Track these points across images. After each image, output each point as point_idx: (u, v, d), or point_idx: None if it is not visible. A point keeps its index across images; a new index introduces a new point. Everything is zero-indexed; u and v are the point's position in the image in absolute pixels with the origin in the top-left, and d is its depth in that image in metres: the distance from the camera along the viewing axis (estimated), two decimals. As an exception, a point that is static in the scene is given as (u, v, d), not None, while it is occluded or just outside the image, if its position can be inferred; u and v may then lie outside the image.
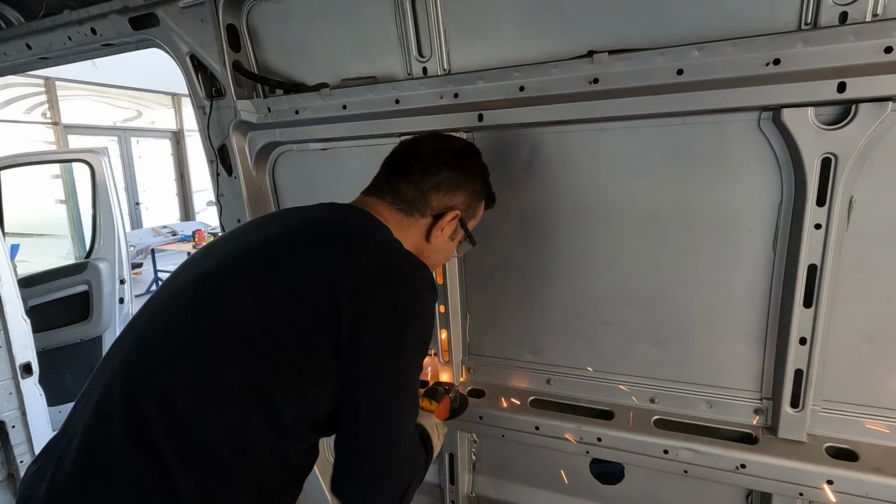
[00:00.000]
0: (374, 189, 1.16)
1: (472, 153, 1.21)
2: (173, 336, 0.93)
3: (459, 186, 1.14)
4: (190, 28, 1.54)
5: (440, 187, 1.12)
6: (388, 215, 1.11)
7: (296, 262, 0.96)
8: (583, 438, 1.44)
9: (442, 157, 1.13)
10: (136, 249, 8.05)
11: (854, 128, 1.04)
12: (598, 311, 1.45)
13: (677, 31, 1.13)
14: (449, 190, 1.13)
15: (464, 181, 1.15)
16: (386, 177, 1.15)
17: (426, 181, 1.11)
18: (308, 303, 0.91)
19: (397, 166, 1.15)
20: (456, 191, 1.14)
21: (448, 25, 1.35)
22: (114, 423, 0.86)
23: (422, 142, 1.17)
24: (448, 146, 1.17)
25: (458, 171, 1.14)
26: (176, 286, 1.01)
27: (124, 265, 3.77)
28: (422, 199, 1.11)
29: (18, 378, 2.40)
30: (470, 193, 1.17)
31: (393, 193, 1.12)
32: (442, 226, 1.14)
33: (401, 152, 1.18)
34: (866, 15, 0.98)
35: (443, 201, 1.13)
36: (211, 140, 1.69)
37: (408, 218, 1.12)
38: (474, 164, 1.20)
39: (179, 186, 11.10)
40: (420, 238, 1.14)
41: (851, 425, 1.24)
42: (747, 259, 1.25)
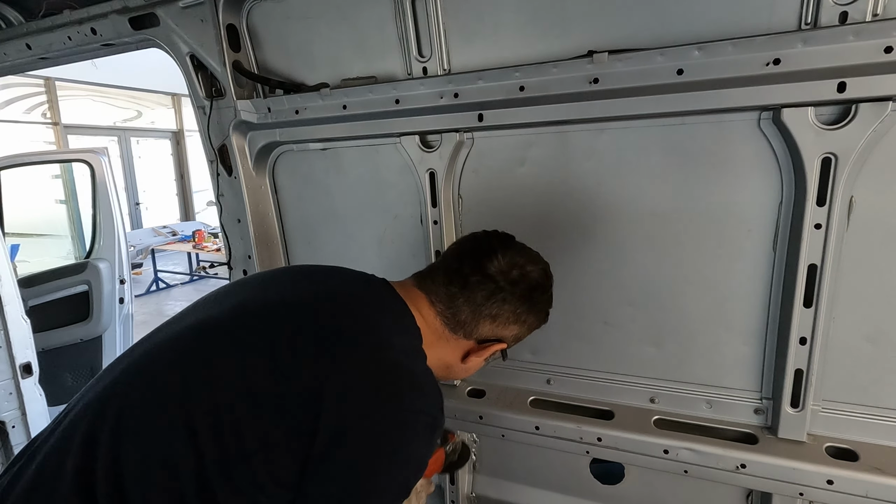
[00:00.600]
0: (427, 284, 1.03)
1: (547, 287, 1.07)
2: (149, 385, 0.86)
3: (518, 321, 1.03)
4: (190, 28, 1.54)
5: (497, 318, 1.01)
6: (431, 321, 1.00)
7: (292, 346, 0.86)
8: (583, 438, 1.44)
9: (515, 286, 1.00)
10: (136, 249, 8.06)
11: (854, 128, 1.04)
12: (598, 311, 1.45)
13: (677, 31, 1.13)
14: (506, 322, 1.02)
15: (526, 316, 1.04)
16: (445, 280, 1.01)
17: (486, 308, 0.99)
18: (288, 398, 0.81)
19: (461, 275, 1.00)
20: (513, 324, 1.03)
21: (448, 25, 1.35)
22: (67, 462, 0.81)
23: (497, 255, 1.00)
24: (526, 273, 1.01)
25: (525, 305, 1.02)
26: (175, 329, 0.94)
27: (124, 265, 3.77)
28: (473, 323, 1.01)
29: (18, 378, 2.41)
30: (526, 328, 1.06)
31: (447, 304, 1.00)
32: (483, 353, 1.05)
33: (469, 258, 1.02)
34: (866, 15, 0.98)
35: (494, 331, 1.02)
36: (211, 140, 1.69)
37: (450, 333, 1.01)
38: (544, 301, 1.07)
39: (179, 186, 11.11)
40: (455, 356, 1.04)
41: (851, 425, 1.24)
42: (747, 259, 1.25)
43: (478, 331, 1.02)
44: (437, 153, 1.46)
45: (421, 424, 0.86)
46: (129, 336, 3.84)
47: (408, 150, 1.49)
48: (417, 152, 1.48)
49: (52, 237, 4.70)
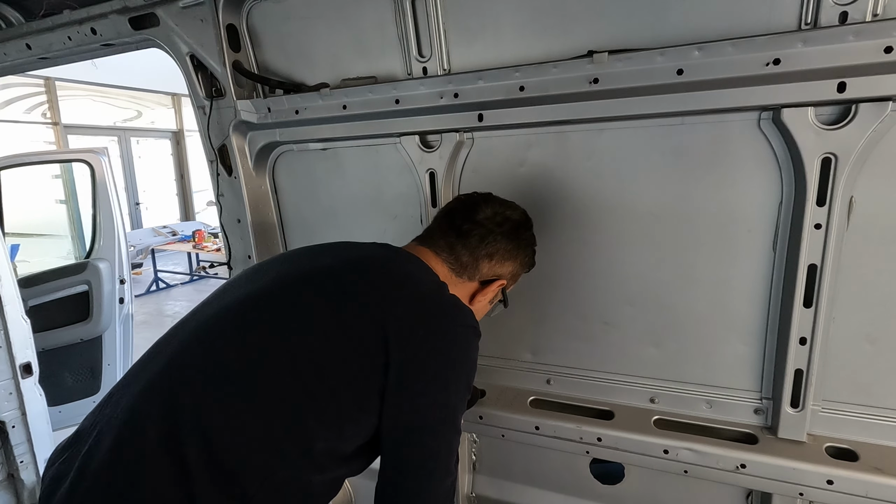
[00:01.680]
0: (428, 241, 1.18)
1: (528, 225, 1.23)
2: (217, 351, 0.93)
3: (511, 257, 1.18)
4: (190, 28, 1.54)
5: (493, 256, 1.15)
6: (440, 269, 1.13)
7: (349, 297, 0.98)
8: (583, 438, 1.44)
9: (502, 226, 1.16)
10: (136, 249, 8.06)
11: (854, 128, 1.04)
12: (598, 311, 1.45)
13: (677, 31, 1.13)
14: (501, 260, 1.17)
15: (516, 252, 1.19)
16: (442, 234, 1.16)
17: (482, 249, 1.14)
18: (357, 339, 0.93)
19: (455, 227, 1.15)
20: (507, 261, 1.18)
21: (448, 25, 1.35)
22: (148, 429, 0.86)
23: (482, 206, 1.18)
24: (508, 216, 1.19)
25: (513, 242, 1.18)
26: (227, 300, 1.02)
27: (124, 265, 3.77)
28: (474, 264, 1.15)
29: (18, 378, 2.40)
30: (519, 265, 1.21)
31: (448, 252, 1.14)
32: (486, 292, 1.18)
33: (459, 212, 1.18)
34: (866, 15, 0.98)
35: (493, 270, 1.17)
36: (211, 140, 1.69)
37: (457, 278, 1.15)
38: (528, 237, 1.23)
39: (179, 186, 11.11)
40: (464, 299, 1.16)
41: (851, 425, 1.24)
42: (747, 259, 1.25)
43: (479, 271, 1.16)
44: (437, 153, 1.46)
45: (470, 333, 1.03)
46: (129, 336, 3.84)
47: (408, 150, 1.49)
48: (417, 152, 1.48)
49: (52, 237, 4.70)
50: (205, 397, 0.88)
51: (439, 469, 0.96)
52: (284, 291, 1.00)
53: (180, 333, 1.00)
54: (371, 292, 0.99)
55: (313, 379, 0.90)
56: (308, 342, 0.92)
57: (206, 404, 0.88)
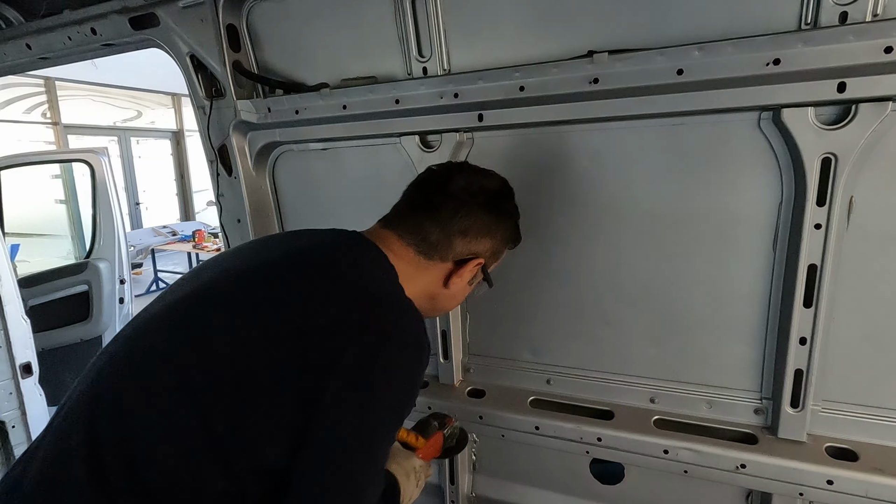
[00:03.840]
0: (394, 221, 1.05)
1: (508, 195, 1.11)
2: (143, 359, 0.86)
3: (489, 232, 1.05)
4: (190, 28, 1.54)
5: (468, 232, 1.02)
6: (403, 254, 1.01)
7: (272, 304, 0.87)
8: (583, 438, 1.44)
9: (477, 198, 1.02)
10: (136, 249, 8.06)
11: (854, 128, 1.04)
12: (598, 311, 1.45)
13: (677, 31, 1.13)
14: (477, 236, 1.03)
15: (495, 227, 1.06)
16: (410, 210, 1.04)
17: (454, 224, 1.00)
18: (278, 346, 0.83)
19: (425, 201, 1.03)
20: (485, 237, 1.04)
21: (448, 25, 1.35)
22: (72, 442, 0.81)
23: (455, 175, 1.05)
24: (485, 185, 1.05)
25: (491, 214, 1.04)
26: (162, 304, 0.95)
27: (124, 265, 3.78)
28: (446, 242, 1.01)
29: (18, 378, 2.41)
30: (499, 240, 1.08)
31: (415, 232, 1.01)
32: (462, 273, 1.05)
33: (430, 183, 1.06)
34: (866, 15, 0.98)
35: (468, 247, 1.03)
36: (211, 140, 1.69)
37: (426, 260, 1.02)
38: (508, 208, 1.10)
39: (179, 186, 11.11)
40: (436, 283, 1.05)
41: (851, 425, 1.24)
42: (747, 259, 1.25)
43: (452, 250, 1.02)
44: (437, 153, 1.46)
45: (410, 353, 0.89)
46: (129, 336, 3.83)
47: (408, 150, 1.49)
48: (417, 152, 1.48)
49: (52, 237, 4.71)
50: (125, 410, 0.82)
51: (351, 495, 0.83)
52: (214, 296, 0.91)
53: (116, 342, 0.93)
54: (297, 297, 0.88)
55: (232, 391, 0.81)
56: (229, 351, 0.83)
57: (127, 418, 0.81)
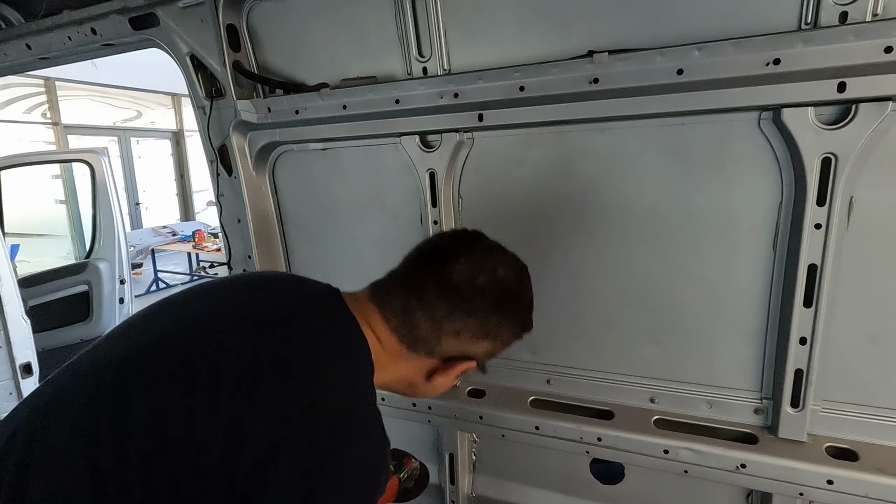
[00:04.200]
0: (383, 296, 0.89)
1: (521, 293, 0.93)
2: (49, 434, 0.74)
3: (488, 335, 0.89)
4: (190, 28, 1.54)
5: (462, 334, 0.86)
6: (385, 338, 0.87)
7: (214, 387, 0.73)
8: (583, 438, 1.44)
9: (482, 296, 0.85)
10: (136, 249, 8.06)
11: (854, 128, 1.04)
12: (598, 311, 1.45)
13: (677, 31, 1.13)
14: (473, 338, 0.88)
15: (497, 329, 0.89)
16: (402, 290, 0.88)
17: (448, 323, 0.85)
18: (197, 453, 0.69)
19: (420, 287, 0.86)
20: (482, 339, 0.89)
21: (448, 25, 1.35)
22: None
23: (461, 258, 0.86)
24: (495, 276, 0.87)
25: (495, 316, 0.88)
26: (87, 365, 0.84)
27: (124, 265, 3.78)
28: (435, 339, 0.87)
29: (18, 378, 2.41)
30: (500, 342, 0.92)
31: (402, 318, 0.86)
32: (449, 372, 0.92)
33: (431, 264, 0.89)
34: (866, 15, 0.98)
35: (460, 348, 0.88)
36: (211, 140, 1.69)
37: (409, 352, 0.88)
38: (520, 309, 0.93)
39: (179, 186, 11.11)
40: (417, 374, 0.92)
41: (851, 425, 1.24)
42: (747, 259, 1.25)
43: (440, 348, 0.88)
44: (437, 153, 1.46)
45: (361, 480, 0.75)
46: (129, 336, 3.84)
47: (408, 150, 1.49)
48: (417, 152, 1.48)
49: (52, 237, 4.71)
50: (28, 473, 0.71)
51: None
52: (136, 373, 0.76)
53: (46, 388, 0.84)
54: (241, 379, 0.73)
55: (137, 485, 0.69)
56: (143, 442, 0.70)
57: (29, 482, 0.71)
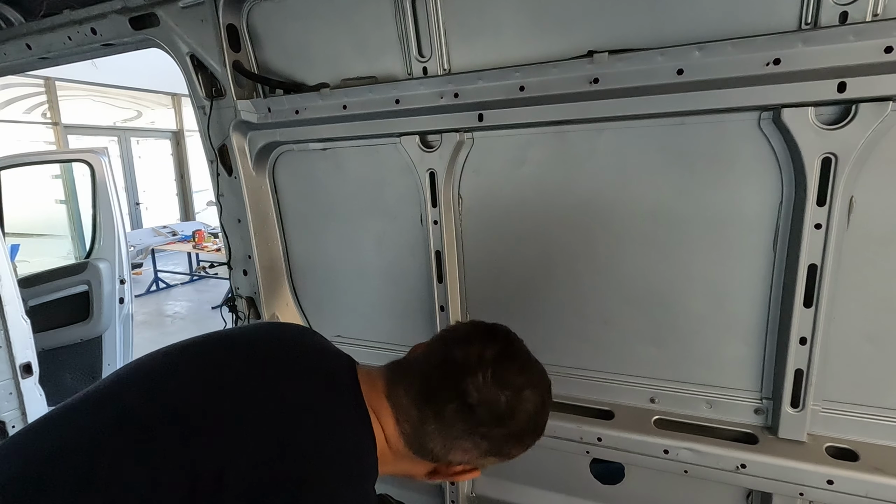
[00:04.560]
0: (398, 394, 0.85)
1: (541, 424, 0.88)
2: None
3: (500, 455, 0.85)
4: (190, 28, 1.54)
5: (472, 451, 0.83)
6: (393, 440, 0.84)
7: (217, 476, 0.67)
8: (583, 438, 1.44)
9: (500, 426, 0.81)
10: (136, 249, 8.06)
11: (854, 128, 1.04)
12: (598, 311, 1.45)
13: (677, 31, 1.13)
14: (483, 456, 0.84)
15: (510, 451, 0.86)
16: (418, 397, 0.83)
17: (462, 441, 0.82)
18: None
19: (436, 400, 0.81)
20: (492, 457, 0.85)
21: (448, 25, 1.35)
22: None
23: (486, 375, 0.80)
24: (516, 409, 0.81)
25: (511, 441, 0.85)
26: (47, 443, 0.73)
27: (124, 265, 3.77)
28: (444, 452, 0.83)
29: (18, 378, 2.41)
30: (506, 457, 0.87)
31: (414, 425, 0.83)
32: (450, 474, 0.90)
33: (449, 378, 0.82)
34: (866, 15, 0.98)
35: (469, 460, 0.86)
36: (211, 140, 1.69)
37: (414, 455, 0.85)
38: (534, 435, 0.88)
39: (179, 186, 11.11)
40: (419, 471, 0.91)
41: (851, 425, 1.24)
42: (747, 259, 1.25)
43: (447, 458, 0.85)
44: (437, 153, 1.46)
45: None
46: (128, 336, 3.84)
47: (408, 150, 1.49)
48: (417, 152, 1.48)
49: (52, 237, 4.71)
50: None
51: None
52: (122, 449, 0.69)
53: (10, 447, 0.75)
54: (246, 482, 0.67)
55: None
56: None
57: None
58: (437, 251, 1.55)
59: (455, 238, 1.56)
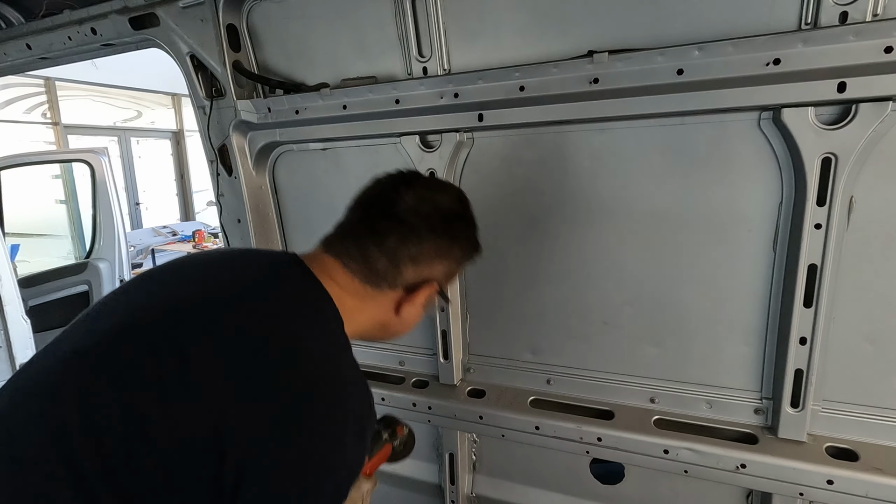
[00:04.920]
0: (337, 245, 0.93)
1: (463, 211, 0.99)
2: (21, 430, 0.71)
3: (442, 256, 0.94)
4: (190, 28, 1.54)
5: (419, 259, 0.91)
6: (347, 284, 0.90)
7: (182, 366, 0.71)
8: (583, 438, 1.44)
9: (428, 220, 0.92)
10: (136, 249, 8.05)
11: (854, 128, 1.04)
12: (598, 311, 1.45)
13: (677, 31, 1.13)
14: (429, 261, 0.93)
15: (448, 249, 0.95)
16: (354, 234, 0.93)
17: (403, 251, 0.90)
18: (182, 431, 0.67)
19: (370, 225, 0.92)
20: (437, 261, 0.94)
21: (448, 25, 1.35)
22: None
23: (403, 194, 0.92)
24: (436, 204, 0.94)
25: (444, 237, 0.94)
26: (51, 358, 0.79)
27: (124, 265, 3.78)
28: (394, 271, 0.91)
29: (18, 378, 2.40)
30: (454, 261, 0.98)
31: (360, 260, 0.90)
32: (415, 300, 0.95)
33: (375, 204, 0.94)
34: (866, 15, 0.98)
35: (419, 273, 0.93)
36: (211, 140, 1.69)
37: (373, 290, 0.91)
38: (464, 226, 0.99)
39: (179, 186, 11.10)
40: (386, 311, 0.96)
41: (851, 425, 1.24)
42: (747, 259, 1.25)
43: (401, 278, 0.92)
44: (437, 153, 1.46)
45: (348, 434, 0.76)
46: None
47: (408, 150, 1.49)
48: (417, 152, 1.48)
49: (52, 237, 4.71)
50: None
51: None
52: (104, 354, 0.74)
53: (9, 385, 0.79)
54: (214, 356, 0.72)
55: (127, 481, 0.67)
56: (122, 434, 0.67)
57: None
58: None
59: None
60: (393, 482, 1.86)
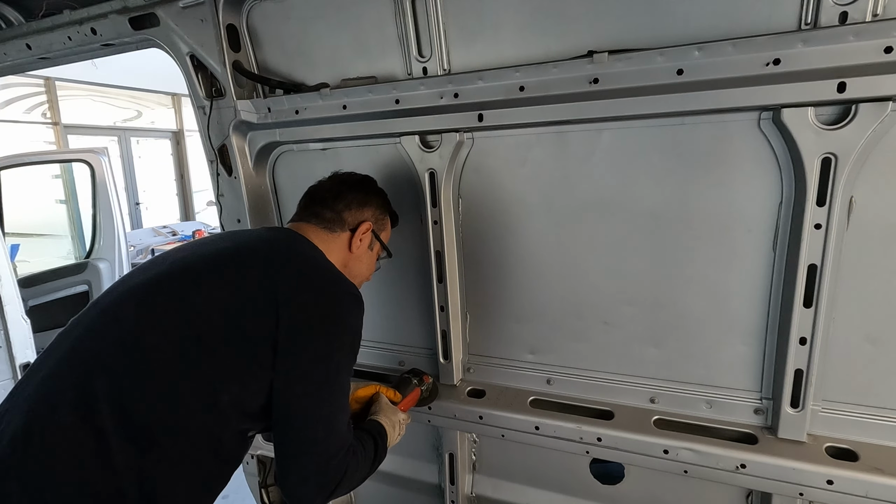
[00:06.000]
0: (299, 216, 1.37)
1: (369, 180, 1.44)
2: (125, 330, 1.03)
3: (365, 204, 1.37)
4: (190, 28, 1.54)
5: (350, 206, 1.35)
6: (315, 235, 1.30)
7: (244, 270, 1.13)
8: (583, 438, 1.44)
9: (346, 184, 1.39)
10: (136, 249, 8.04)
11: (854, 128, 1.04)
12: (598, 311, 1.45)
13: (677, 31, 1.13)
14: (358, 207, 1.35)
15: (367, 199, 1.38)
16: (307, 207, 1.37)
17: (338, 203, 1.34)
18: (251, 303, 1.07)
19: (314, 199, 1.37)
20: (363, 207, 1.36)
21: (448, 25, 1.35)
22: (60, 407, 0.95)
23: (326, 182, 1.41)
24: (348, 178, 1.41)
25: (360, 192, 1.38)
26: (129, 285, 1.13)
27: (124, 265, 3.78)
28: (338, 217, 1.33)
29: (18, 378, 2.40)
30: (375, 208, 1.39)
31: (316, 217, 1.33)
32: (359, 236, 1.34)
33: (315, 189, 1.41)
34: (866, 15, 0.98)
35: (355, 217, 1.35)
36: (211, 140, 1.69)
37: (331, 234, 1.32)
38: (372, 188, 1.43)
39: (179, 186, 11.10)
40: (344, 250, 1.34)
41: (851, 425, 1.24)
42: (747, 259, 1.25)
43: (344, 221, 1.34)
44: (437, 153, 1.46)
45: (350, 299, 1.18)
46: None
47: (408, 150, 1.49)
48: (417, 152, 1.48)
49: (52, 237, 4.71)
50: (118, 373, 0.98)
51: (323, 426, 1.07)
52: (185, 273, 1.12)
53: (84, 320, 1.09)
54: (263, 266, 1.14)
55: (213, 338, 1.03)
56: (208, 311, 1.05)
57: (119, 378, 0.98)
58: (437, 251, 1.56)
59: (455, 238, 1.56)
60: (393, 482, 1.87)
